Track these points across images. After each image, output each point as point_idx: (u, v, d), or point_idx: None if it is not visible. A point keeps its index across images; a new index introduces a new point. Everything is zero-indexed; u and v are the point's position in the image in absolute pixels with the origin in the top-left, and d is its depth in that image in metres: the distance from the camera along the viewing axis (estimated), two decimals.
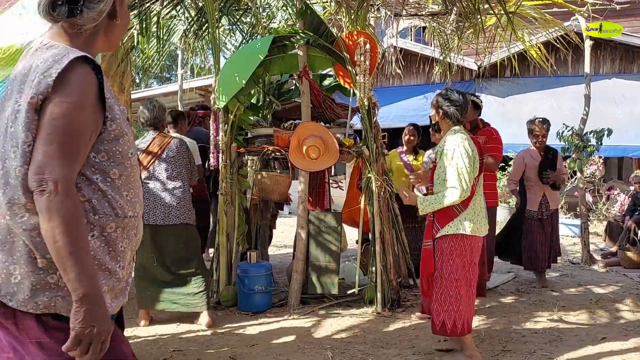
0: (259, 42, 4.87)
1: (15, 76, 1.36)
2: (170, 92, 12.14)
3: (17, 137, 1.29)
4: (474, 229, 3.21)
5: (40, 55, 1.34)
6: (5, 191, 1.30)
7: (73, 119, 1.29)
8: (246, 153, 4.98)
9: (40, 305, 1.31)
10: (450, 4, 5.51)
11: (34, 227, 1.29)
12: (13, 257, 1.31)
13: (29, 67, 1.34)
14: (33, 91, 1.27)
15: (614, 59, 10.62)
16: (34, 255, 1.31)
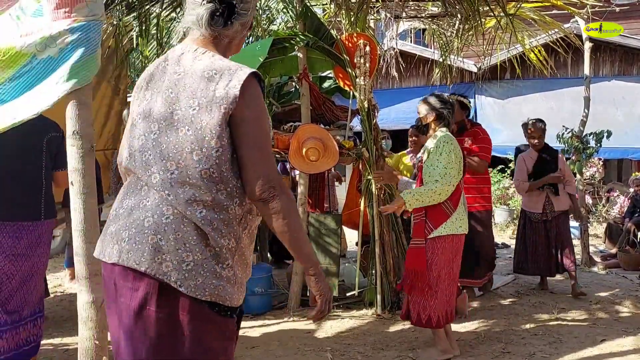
0: (258, 44, 4.88)
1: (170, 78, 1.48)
2: None
3: (200, 142, 1.41)
4: (465, 228, 3.36)
5: (203, 63, 1.47)
6: (184, 190, 1.42)
7: (264, 126, 1.47)
8: None
9: (206, 293, 1.42)
10: (450, 6, 5.52)
11: (212, 222, 1.42)
12: (186, 245, 1.41)
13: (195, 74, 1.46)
14: (222, 103, 1.41)
15: (613, 61, 10.63)
16: (209, 245, 1.43)
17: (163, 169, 1.44)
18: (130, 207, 1.48)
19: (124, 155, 1.56)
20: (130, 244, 1.43)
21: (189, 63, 1.49)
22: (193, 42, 1.54)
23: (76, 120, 2.01)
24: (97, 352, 2.03)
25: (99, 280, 2.07)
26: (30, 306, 2.91)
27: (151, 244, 1.41)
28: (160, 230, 1.42)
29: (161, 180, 1.44)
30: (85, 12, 2.03)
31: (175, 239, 1.42)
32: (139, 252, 1.41)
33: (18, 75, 2.12)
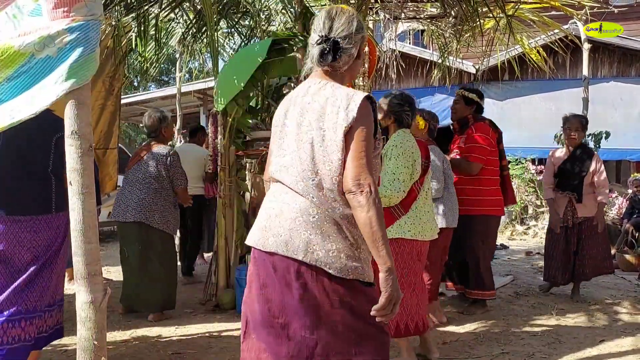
0: (257, 45, 4.88)
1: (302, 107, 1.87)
2: (169, 95, 12.13)
3: (330, 154, 1.78)
4: (415, 233, 3.14)
5: (326, 92, 1.85)
6: (323, 193, 1.79)
7: (369, 140, 1.79)
8: (245, 156, 4.98)
9: (350, 273, 1.77)
10: (449, 7, 5.53)
11: (347, 217, 1.78)
12: (330, 237, 1.78)
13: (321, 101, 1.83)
14: (344, 123, 1.76)
15: (611, 62, 10.66)
16: (346, 235, 1.79)
17: (305, 177, 1.81)
18: (280, 208, 1.85)
19: (271, 169, 1.95)
20: (286, 237, 1.79)
21: (316, 94, 1.87)
22: (315, 76, 1.93)
23: (75, 119, 2.00)
24: (96, 352, 2.02)
25: (98, 280, 2.07)
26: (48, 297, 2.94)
27: (304, 238, 1.78)
28: (309, 226, 1.78)
29: (305, 187, 1.81)
30: (84, 11, 2.02)
31: (321, 233, 1.78)
32: (294, 244, 1.78)
33: (16, 74, 2.12)
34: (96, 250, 2.06)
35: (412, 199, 3.16)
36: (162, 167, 4.30)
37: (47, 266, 2.92)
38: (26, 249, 2.84)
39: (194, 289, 5.46)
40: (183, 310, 4.66)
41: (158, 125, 4.48)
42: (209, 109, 11.93)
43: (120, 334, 3.96)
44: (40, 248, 2.88)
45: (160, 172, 4.29)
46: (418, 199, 3.19)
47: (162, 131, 4.50)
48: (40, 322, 2.90)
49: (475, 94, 4.52)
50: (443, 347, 3.63)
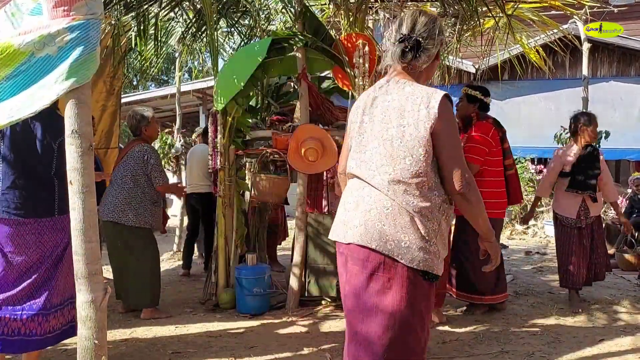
0: (257, 45, 4.87)
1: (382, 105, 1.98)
2: (168, 94, 12.12)
3: (410, 149, 1.87)
4: None
5: (405, 90, 1.95)
6: (400, 187, 1.88)
7: (456, 134, 1.92)
8: (245, 155, 4.97)
9: (420, 263, 1.87)
10: (449, 6, 5.53)
11: (421, 210, 1.87)
12: (403, 229, 1.88)
13: (401, 99, 1.94)
14: (426, 120, 1.86)
15: (611, 62, 10.66)
16: (418, 228, 1.88)
17: (382, 172, 1.91)
18: (356, 202, 1.98)
19: (349, 165, 2.06)
20: (362, 229, 1.92)
21: (395, 92, 1.97)
22: (393, 74, 2.03)
23: (75, 119, 2.00)
24: (97, 351, 2.02)
25: (98, 280, 2.07)
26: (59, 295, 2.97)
27: (377, 229, 1.89)
28: (382, 218, 1.89)
29: (381, 181, 1.91)
30: (84, 10, 2.02)
31: (394, 225, 1.88)
32: (369, 235, 1.90)
33: (16, 73, 2.11)
34: (96, 249, 2.06)
35: None
36: (139, 166, 4.32)
37: (55, 266, 2.95)
38: (32, 250, 2.87)
39: (193, 289, 5.46)
40: (183, 309, 4.66)
41: (137, 124, 4.52)
42: (209, 108, 11.92)
43: (121, 333, 3.96)
44: (47, 249, 2.91)
45: (137, 171, 4.32)
46: None
47: (143, 130, 4.53)
48: (54, 320, 2.94)
49: (478, 91, 4.44)
50: (443, 346, 3.63)
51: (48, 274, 2.93)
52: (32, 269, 2.88)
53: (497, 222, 4.36)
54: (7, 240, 2.82)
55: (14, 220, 2.83)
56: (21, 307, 2.85)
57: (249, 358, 3.43)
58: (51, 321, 2.93)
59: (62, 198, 2.98)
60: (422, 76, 2.03)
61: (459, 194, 1.88)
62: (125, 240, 4.29)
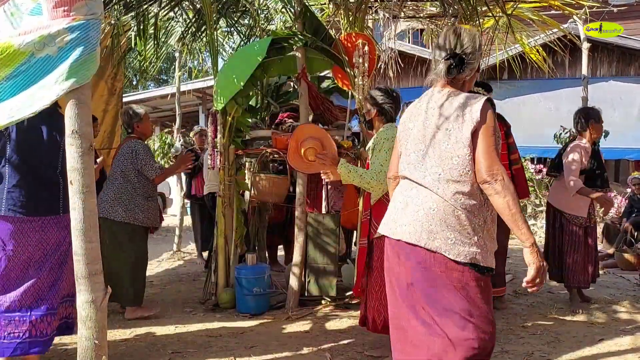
0: (257, 44, 4.87)
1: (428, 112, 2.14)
2: (168, 94, 12.12)
3: (457, 151, 2.03)
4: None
5: (449, 98, 2.12)
6: (449, 185, 2.03)
7: (493, 133, 2.04)
8: (244, 155, 4.97)
9: (468, 257, 2.00)
10: (448, 6, 5.52)
11: (467, 207, 2.02)
12: (449, 226, 2.02)
13: (445, 106, 2.10)
14: (470, 123, 2.02)
15: (610, 62, 10.67)
16: (465, 224, 2.02)
17: (432, 172, 2.07)
18: (405, 201, 2.15)
19: (400, 168, 2.23)
20: (410, 227, 2.07)
21: (440, 100, 2.14)
22: (438, 85, 2.19)
23: (75, 119, 2.00)
24: (97, 351, 2.03)
25: (98, 280, 2.07)
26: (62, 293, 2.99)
27: (426, 227, 2.04)
28: (430, 217, 2.04)
29: (432, 180, 2.07)
30: (84, 10, 2.02)
31: (441, 222, 2.02)
32: (417, 233, 2.05)
33: (15, 73, 2.12)
34: (97, 249, 2.06)
35: None
36: (128, 162, 4.33)
37: (61, 266, 2.97)
38: (35, 248, 2.88)
39: (193, 288, 5.47)
40: (183, 309, 4.66)
41: (129, 121, 4.53)
42: (208, 108, 11.93)
43: (121, 333, 3.96)
44: (50, 247, 2.93)
45: (126, 167, 4.32)
46: None
47: (136, 127, 4.52)
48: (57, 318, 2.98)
49: (481, 87, 4.44)
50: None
51: (53, 273, 2.94)
52: (35, 268, 2.89)
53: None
54: (9, 238, 2.83)
55: (18, 218, 2.85)
56: (28, 309, 2.86)
57: (249, 358, 3.44)
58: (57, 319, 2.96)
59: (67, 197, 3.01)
60: (465, 85, 2.21)
61: (485, 183, 1.98)
62: (114, 236, 4.26)
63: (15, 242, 2.84)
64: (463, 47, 2.13)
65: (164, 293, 5.32)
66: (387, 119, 3.34)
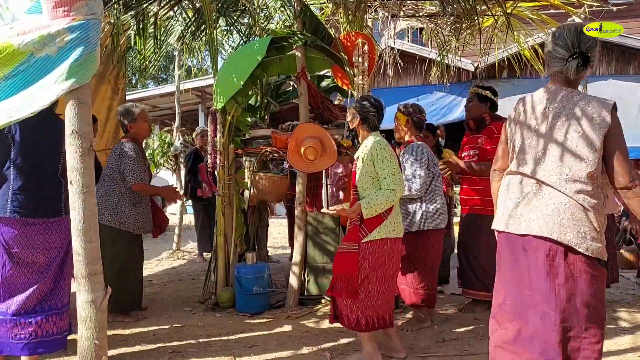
0: (256, 44, 4.86)
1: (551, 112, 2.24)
2: (167, 93, 12.11)
3: (587, 153, 2.14)
4: (397, 231, 3.26)
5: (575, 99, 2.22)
6: (575, 185, 2.16)
7: (623, 137, 2.18)
8: (244, 154, 4.97)
9: (594, 252, 2.15)
10: (448, 5, 5.52)
11: (593, 206, 2.15)
12: (579, 221, 2.16)
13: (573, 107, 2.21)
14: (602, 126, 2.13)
15: (610, 61, 10.67)
16: (591, 221, 2.16)
17: (559, 172, 2.19)
18: (528, 197, 2.26)
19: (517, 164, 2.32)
20: (541, 222, 2.20)
21: (564, 100, 2.24)
22: (556, 83, 2.29)
23: (75, 119, 2.00)
24: (97, 351, 2.03)
25: (98, 280, 2.07)
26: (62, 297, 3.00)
27: (557, 222, 2.17)
28: (560, 212, 2.18)
29: (558, 180, 2.19)
30: (84, 10, 2.02)
31: (571, 218, 2.16)
32: (548, 227, 2.18)
33: (15, 73, 2.11)
34: (96, 249, 2.06)
35: None
36: (115, 164, 4.18)
37: (62, 267, 2.98)
38: (39, 251, 2.89)
39: (193, 287, 5.47)
40: (182, 308, 4.67)
41: (122, 121, 4.34)
42: (208, 107, 11.92)
43: (120, 333, 3.96)
44: (53, 250, 2.94)
45: (113, 169, 4.18)
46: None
47: (129, 127, 4.33)
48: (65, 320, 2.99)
49: (488, 91, 4.50)
50: (442, 344, 3.64)
51: (56, 274, 2.96)
52: (40, 272, 2.90)
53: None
54: (14, 241, 2.84)
55: (22, 221, 2.85)
56: (33, 311, 2.88)
57: (249, 357, 3.44)
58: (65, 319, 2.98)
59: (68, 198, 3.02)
60: (577, 82, 2.31)
61: (627, 189, 2.12)
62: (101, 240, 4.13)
63: (20, 245, 2.85)
64: (586, 45, 2.20)
65: (163, 292, 5.32)
66: (371, 127, 3.36)
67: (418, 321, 4.01)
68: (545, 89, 2.31)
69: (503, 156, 2.48)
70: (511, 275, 2.31)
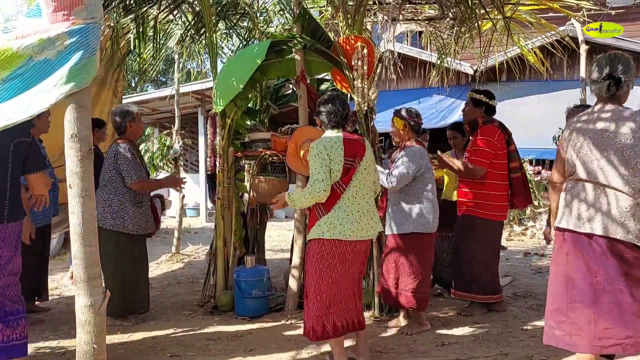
0: (256, 47, 4.87)
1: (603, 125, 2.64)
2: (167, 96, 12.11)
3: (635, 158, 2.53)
4: (335, 233, 3.10)
5: (625, 114, 2.63)
6: (636, 186, 2.54)
7: None
8: (243, 157, 4.97)
9: None
10: (447, 8, 5.54)
11: None
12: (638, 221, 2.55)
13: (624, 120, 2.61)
14: None
15: None
16: None
17: (618, 176, 2.56)
18: (591, 201, 2.63)
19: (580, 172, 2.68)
20: (605, 221, 2.57)
21: (614, 115, 2.64)
22: (603, 101, 2.71)
23: (74, 122, 2.00)
24: (96, 355, 2.02)
25: (97, 284, 2.07)
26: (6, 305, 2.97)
27: (619, 221, 2.55)
28: (624, 214, 2.55)
29: (619, 183, 2.56)
30: (84, 14, 2.02)
31: (633, 218, 2.55)
32: (612, 227, 2.56)
33: (13, 76, 2.11)
34: (95, 253, 2.06)
35: (333, 199, 3.14)
36: (112, 166, 4.15)
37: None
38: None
39: (192, 291, 5.46)
40: (181, 312, 4.66)
41: (122, 121, 4.30)
42: (207, 110, 11.93)
43: (119, 337, 3.95)
44: None
45: (111, 171, 4.16)
46: (342, 199, 3.14)
47: (128, 126, 4.29)
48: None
49: (483, 95, 4.54)
50: (442, 348, 3.63)
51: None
52: None
53: (496, 225, 4.45)
54: None
55: None
56: None
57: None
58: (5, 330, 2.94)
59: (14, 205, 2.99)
60: (623, 99, 2.69)
61: None
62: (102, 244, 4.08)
63: None
64: (619, 70, 2.62)
65: (162, 296, 5.31)
66: (327, 125, 3.33)
67: (417, 325, 4.01)
68: (593, 107, 2.74)
69: (560, 170, 2.85)
70: (577, 266, 2.65)
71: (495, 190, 4.35)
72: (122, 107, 4.45)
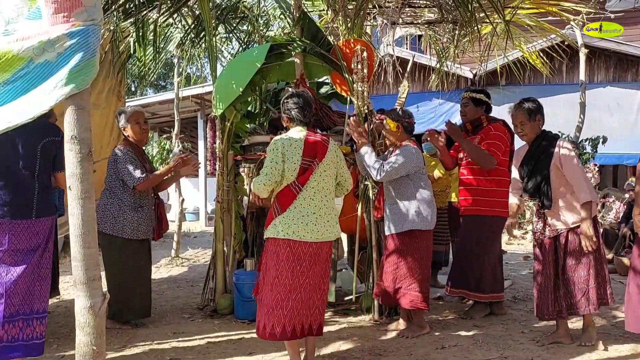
0: (256, 50, 4.88)
1: None
2: (166, 100, 12.12)
3: None
4: (289, 233, 3.06)
5: None
6: None
7: None
8: (243, 161, 4.97)
9: None
10: (446, 12, 5.55)
11: None
12: None
13: None
14: None
15: (608, 67, 10.70)
16: None
17: None
18: None
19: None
20: None
21: None
22: None
23: (74, 124, 2.00)
24: (95, 357, 2.02)
25: (97, 286, 2.06)
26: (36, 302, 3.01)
27: None
28: None
29: None
30: (84, 16, 2.03)
31: None
32: None
33: (14, 79, 2.12)
34: (95, 255, 2.05)
35: (289, 198, 3.11)
36: (112, 171, 4.12)
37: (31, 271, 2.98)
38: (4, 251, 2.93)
39: (191, 294, 5.45)
40: (181, 315, 4.65)
41: (118, 123, 4.27)
42: (207, 114, 11.93)
43: (118, 339, 3.94)
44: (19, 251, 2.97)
45: (111, 176, 4.13)
46: (298, 199, 3.11)
47: (123, 130, 4.25)
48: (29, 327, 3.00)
49: (482, 94, 4.58)
50: (442, 351, 3.63)
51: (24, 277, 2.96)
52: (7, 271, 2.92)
53: (499, 220, 4.44)
54: None
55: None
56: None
57: None
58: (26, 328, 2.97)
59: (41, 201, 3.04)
60: None
61: None
62: (101, 248, 4.02)
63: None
64: None
65: (162, 299, 5.30)
66: (293, 121, 3.29)
67: (417, 328, 4.00)
68: None
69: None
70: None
71: (498, 186, 4.39)
72: (119, 109, 4.45)
